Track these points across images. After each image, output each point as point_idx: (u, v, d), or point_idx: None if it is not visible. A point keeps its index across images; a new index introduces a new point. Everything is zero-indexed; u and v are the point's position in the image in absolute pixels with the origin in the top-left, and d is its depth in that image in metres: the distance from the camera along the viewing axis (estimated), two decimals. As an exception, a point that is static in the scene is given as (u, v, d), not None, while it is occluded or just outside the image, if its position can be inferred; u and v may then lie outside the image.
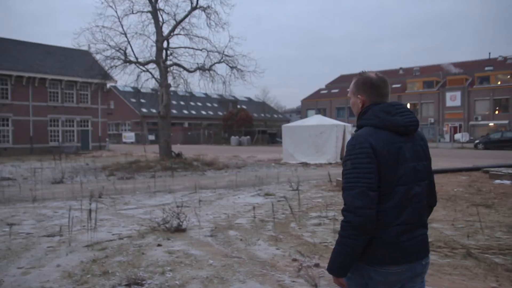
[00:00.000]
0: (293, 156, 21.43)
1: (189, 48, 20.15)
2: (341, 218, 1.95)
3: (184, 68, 20.45)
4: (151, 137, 60.81)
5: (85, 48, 21.47)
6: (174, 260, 4.91)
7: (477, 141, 37.04)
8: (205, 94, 66.00)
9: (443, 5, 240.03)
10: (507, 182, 12.60)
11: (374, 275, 1.94)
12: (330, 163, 19.88)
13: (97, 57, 20.03)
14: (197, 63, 20.17)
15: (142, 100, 53.07)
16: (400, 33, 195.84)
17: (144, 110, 60.81)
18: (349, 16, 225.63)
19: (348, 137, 23.01)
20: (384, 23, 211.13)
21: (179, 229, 6.32)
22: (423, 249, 2.02)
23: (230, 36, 21.97)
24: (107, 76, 22.01)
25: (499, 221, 7.32)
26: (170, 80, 20.21)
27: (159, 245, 5.58)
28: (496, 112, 53.76)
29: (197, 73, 20.57)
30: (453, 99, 55.93)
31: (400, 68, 69.34)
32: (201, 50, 19.92)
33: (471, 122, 53.89)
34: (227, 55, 19.77)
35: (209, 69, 20.20)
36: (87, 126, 36.83)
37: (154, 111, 60.68)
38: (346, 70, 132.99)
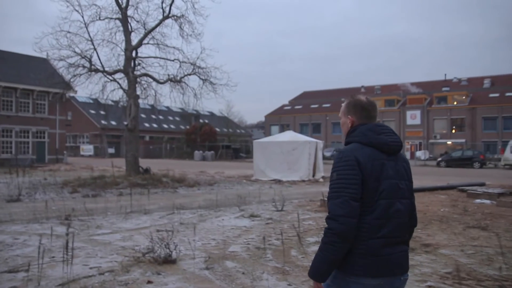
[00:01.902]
0: (264, 173, 20.80)
1: (160, 58, 19.22)
2: None
3: (154, 79, 19.43)
4: (111, 150, 58.59)
5: (46, 53, 19.94)
6: (172, 303, 4.08)
7: (439, 159, 37.99)
8: (167, 107, 64.51)
9: (397, 29, 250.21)
10: (487, 201, 12.56)
11: (353, 286, 2.00)
12: (303, 180, 19.39)
13: (59, 64, 18.67)
14: (168, 74, 19.24)
15: (102, 112, 51.13)
16: (357, 54, 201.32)
17: (103, 122, 58.51)
18: (307, 35, 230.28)
19: (320, 154, 22.70)
20: (341, 44, 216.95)
21: (168, 260, 5.46)
22: (404, 265, 2.09)
23: (202, 47, 21.26)
24: (68, 86, 20.62)
25: (506, 246, 6.94)
26: (138, 91, 19.13)
27: (149, 281, 4.71)
28: (453, 131, 55.69)
29: (167, 85, 19.62)
30: (413, 117, 57.51)
31: (362, 86, 70.81)
32: (172, 60, 19.03)
33: (431, 140, 55.48)
34: (199, 67, 18.98)
35: (180, 80, 19.29)
36: (44, 137, 34.69)
37: (114, 123, 58.63)
38: (307, 87, 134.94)
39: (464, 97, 56.76)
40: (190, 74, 19.24)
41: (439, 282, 5.01)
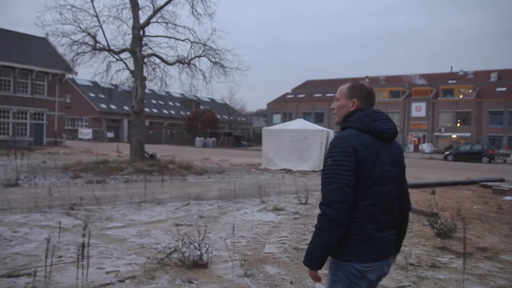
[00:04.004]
0: (273, 162, 19.95)
1: (171, 38, 18.13)
2: None
3: (162, 60, 18.38)
4: (110, 135, 57.57)
5: (50, 28, 18.62)
6: (218, 326, 3.22)
7: (446, 153, 37.17)
8: (167, 92, 63.22)
9: (399, 20, 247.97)
10: (517, 198, 11.84)
11: (356, 272, 2.01)
12: (314, 171, 18.54)
13: (62, 41, 17.53)
14: (177, 56, 18.18)
15: (101, 95, 49.98)
16: (358, 44, 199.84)
17: (103, 105, 57.35)
18: (309, 25, 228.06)
19: (331, 144, 21.81)
20: (342, 34, 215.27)
21: (198, 264, 4.60)
22: (393, 247, 2.18)
23: (213, 28, 20.23)
24: (69, 67, 19.52)
25: None
26: (145, 72, 18.06)
27: (181, 292, 3.84)
28: (458, 124, 54.83)
29: (175, 67, 18.61)
30: (418, 109, 56.55)
31: (366, 77, 69.63)
32: (183, 40, 17.98)
33: (435, 133, 54.61)
34: (210, 48, 17.94)
35: (189, 63, 18.26)
36: (42, 119, 33.64)
37: (114, 107, 57.48)
38: (308, 77, 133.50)
39: (470, 90, 55.78)
40: (200, 56, 18.21)
41: (527, 300, 4.18)
